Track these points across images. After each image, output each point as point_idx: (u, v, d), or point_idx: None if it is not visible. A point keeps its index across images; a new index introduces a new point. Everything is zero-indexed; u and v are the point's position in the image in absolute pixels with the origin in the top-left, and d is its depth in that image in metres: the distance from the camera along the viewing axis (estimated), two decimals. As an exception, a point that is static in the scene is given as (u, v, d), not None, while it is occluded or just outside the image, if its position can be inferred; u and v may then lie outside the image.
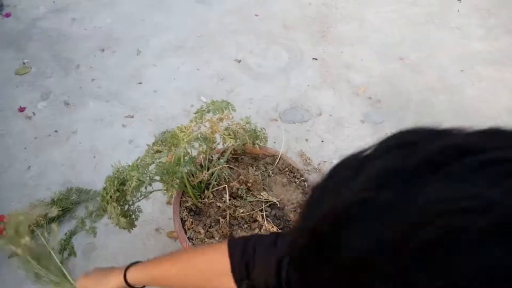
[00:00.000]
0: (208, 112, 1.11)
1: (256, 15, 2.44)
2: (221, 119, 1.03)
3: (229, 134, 1.07)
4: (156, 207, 1.52)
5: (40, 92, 1.90)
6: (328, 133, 1.86)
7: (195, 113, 1.10)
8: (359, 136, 1.85)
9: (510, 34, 2.45)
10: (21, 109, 1.81)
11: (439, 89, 2.09)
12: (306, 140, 1.82)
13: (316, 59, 2.19)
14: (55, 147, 1.68)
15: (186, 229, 1.09)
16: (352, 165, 0.35)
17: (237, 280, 0.65)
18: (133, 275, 0.87)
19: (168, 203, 1.55)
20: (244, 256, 0.67)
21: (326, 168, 1.71)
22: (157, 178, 1.03)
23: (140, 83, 1.99)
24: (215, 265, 0.81)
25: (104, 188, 0.95)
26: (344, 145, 1.81)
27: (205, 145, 1.08)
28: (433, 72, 2.18)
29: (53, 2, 2.39)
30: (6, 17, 2.24)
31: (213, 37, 2.27)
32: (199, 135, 1.00)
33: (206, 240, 1.05)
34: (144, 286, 0.95)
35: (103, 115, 1.82)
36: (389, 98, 2.03)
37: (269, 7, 2.51)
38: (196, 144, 1.04)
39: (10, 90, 1.90)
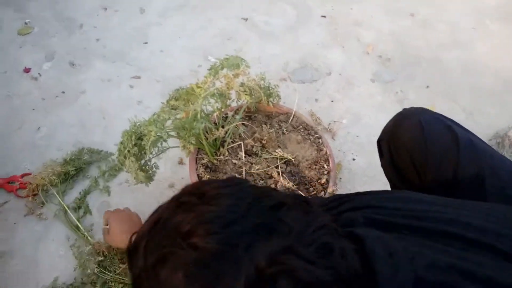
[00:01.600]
0: (222, 68, 1.09)
1: (262, -29, 2.35)
2: (237, 75, 1.01)
3: (245, 91, 1.06)
4: (168, 166, 1.52)
5: (44, 52, 1.86)
6: (338, 92, 1.84)
7: (209, 69, 1.08)
8: (370, 95, 1.84)
9: (524, -11, 2.37)
10: (26, 70, 1.78)
11: (449, 46, 2.05)
12: (316, 100, 1.80)
13: (324, 16, 2.13)
14: (63, 108, 1.67)
15: (203, 185, 1.09)
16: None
17: None
18: None
19: (180, 163, 1.55)
20: None
21: (336, 128, 1.70)
22: (173, 134, 1.02)
23: (145, 43, 1.95)
24: None
25: (121, 142, 0.95)
26: (354, 105, 1.80)
27: (220, 102, 1.07)
28: (444, 28, 2.14)
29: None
30: (3, -25, 2.17)
31: (218, -6, 2.20)
32: (215, 91, 0.99)
33: (224, 195, 1.06)
34: None
35: (110, 76, 1.80)
36: (399, 56, 1.99)
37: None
38: (212, 101, 1.03)
39: (14, 50, 1.86)
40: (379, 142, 0.99)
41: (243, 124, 1.18)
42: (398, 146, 0.90)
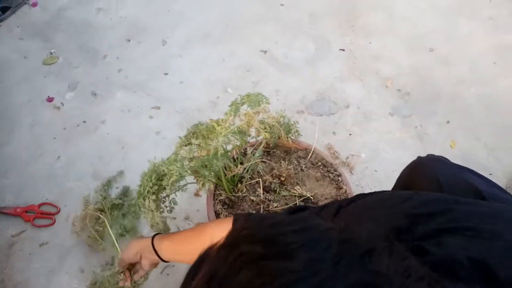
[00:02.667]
0: (242, 105, 1.09)
1: (282, 4, 2.39)
2: (257, 113, 1.01)
3: (265, 128, 1.06)
4: (184, 198, 1.52)
5: (67, 82, 1.90)
6: (356, 126, 1.83)
7: (230, 106, 1.09)
8: (388, 130, 1.82)
9: (545, 24, 2.36)
10: (50, 100, 1.82)
11: (470, 82, 2.03)
12: (334, 133, 1.79)
13: (343, 50, 2.14)
14: (83, 137, 1.69)
15: (221, 223, 1.08)
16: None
17: None
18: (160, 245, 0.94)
19: (196, 194, 1.54)
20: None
21: (354, 162, 1.68)
22: (191, 171, 1.02)
23: (166, 74, 1.98)
24: (218, 232, 0.84)
25: (140, 185, 0.95)
26: (372, 139, 1.78)
27: (239, 139, 1.07)
28: (464, 64, 2.12)
29: (78, -9, 2.39)
30: (33, 7, 2.25)
31: (239, 27, 2.24)
32: (235, 129, 0.99)
33: (241, 234, 1.04)
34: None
35: (130, 106, 1.82)
36: (418, 91, 1.98)
37: (295, -4, 2.47)
38: (232, 138, 1.03)
39: (39, 80, 1.91)
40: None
41: (261, 160, 1.17)
42: None
